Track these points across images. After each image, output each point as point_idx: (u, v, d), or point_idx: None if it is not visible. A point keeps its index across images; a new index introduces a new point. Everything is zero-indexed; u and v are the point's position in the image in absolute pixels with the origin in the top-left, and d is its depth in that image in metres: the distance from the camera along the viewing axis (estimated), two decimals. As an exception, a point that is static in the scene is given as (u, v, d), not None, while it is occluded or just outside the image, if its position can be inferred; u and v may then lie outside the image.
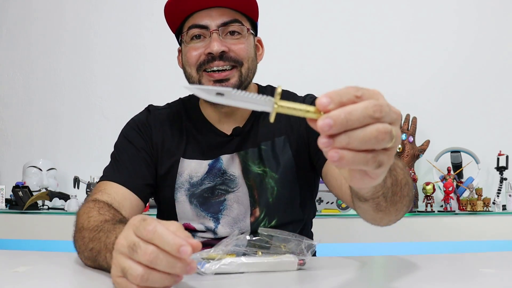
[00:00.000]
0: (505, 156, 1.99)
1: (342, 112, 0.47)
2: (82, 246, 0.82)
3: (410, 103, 2.18)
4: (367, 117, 0.47)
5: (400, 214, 0.84)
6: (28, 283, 0.71)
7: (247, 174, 1.08)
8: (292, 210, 1.11)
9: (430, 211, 1.83)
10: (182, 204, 1.09)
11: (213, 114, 1.12)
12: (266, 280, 0.73)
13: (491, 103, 2.21)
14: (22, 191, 1.87)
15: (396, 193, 0.76)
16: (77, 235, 0.86)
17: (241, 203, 1.08)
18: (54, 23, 2.38)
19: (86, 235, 0.82)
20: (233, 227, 1.08)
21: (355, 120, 0.47)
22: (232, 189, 1.09)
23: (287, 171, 1.10)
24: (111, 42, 2.35)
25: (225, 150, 1.10)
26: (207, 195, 1.08)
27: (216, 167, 1.09)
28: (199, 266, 0.75)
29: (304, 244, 0.82)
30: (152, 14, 2.32)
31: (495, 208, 1.88)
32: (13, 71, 2.38)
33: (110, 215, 0.86)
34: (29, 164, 2.13)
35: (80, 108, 2.32)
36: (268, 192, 1.08)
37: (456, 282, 0.74)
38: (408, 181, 0.82)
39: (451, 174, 1.96)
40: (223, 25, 1.02)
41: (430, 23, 2.25)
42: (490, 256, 0.98)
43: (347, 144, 0.47)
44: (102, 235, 0.77)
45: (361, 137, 0.47)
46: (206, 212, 1.08)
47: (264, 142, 1.10)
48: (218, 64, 1.01)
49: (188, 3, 1.02)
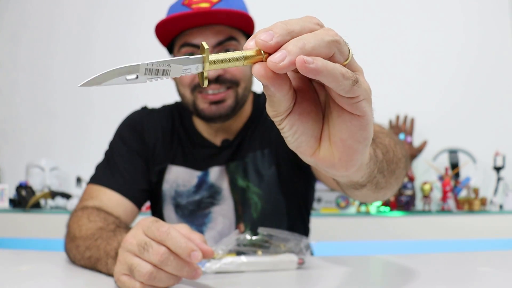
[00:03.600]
0: (502, 156, 2.01)
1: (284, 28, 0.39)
2: (78, 255, 0.82)
3: (408, 103, 2.19)
4: (312, 25, 0.41)
5: (400, 179, 0.75)
6: (31, 282, 0.72)
7: (233, 187, 1.05)
8: (279, 226, 1.04)
9: (428, 211, 1.84)
10: (168, 213, 1.07)
11: (203, 128, 1.08)
12: (266, 279, 0.74)
13: (488, 103, 2.22)
14: (25, 191, 1.88)
15: (392, 161, 0.67)
16: (70, 244, 0.85)
17: (226, 217, 1.05)
18: (55, 23, 2.38)
19: (80, 244, 0.82)
20: (218, 242, 1.01)
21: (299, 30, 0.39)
22: (218, 201, 1.05)
23: (271, 186, 1.05)
24: (112, 42, 2.35)
25: (214, 162, 1.06)
26: (192, 208, 1.06)
27: (205, 180, 1.06)
28: (199, 265, 0.76)
29: (303, 243, 0.84)
30: (153, 14, 2.33)
31: (492, 208, 1.89)
32: (15, 71, 2.39)
33: (101, 221, 0.84)
34: (32, 163, 2.14)
35: (82, 108, 2.33)
36: (251, 207, 1.04)
37: (454, 281, 0.75)
38: (397, 140, 0.75)
39: (448, 173, 1.97)
40: (218, 45, 0.96)
41: (429, 24, 2.26)
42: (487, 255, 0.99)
43: (303, 46, 0.37)
44: (101, 242, 0.77)
45: (312, 36, 0.38)
46: (191, 224, 1.05)
47: (250, 155, 1.06)
48: (214, 87, 0.96)
49: (181, 23, 0.96)
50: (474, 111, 2.22)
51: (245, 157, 1.06)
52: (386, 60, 2.25)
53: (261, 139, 1.07)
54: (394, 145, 0.71)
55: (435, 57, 2.25)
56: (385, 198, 0.77)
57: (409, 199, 1.88)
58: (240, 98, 1.00)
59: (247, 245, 0.84)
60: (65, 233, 0.90)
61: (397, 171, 0.70)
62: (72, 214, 0.93)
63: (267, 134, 1.07)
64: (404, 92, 2.23)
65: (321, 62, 0.37)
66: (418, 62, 2.25)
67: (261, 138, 1.07)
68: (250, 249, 0.83)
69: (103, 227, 0.81)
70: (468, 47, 2.25)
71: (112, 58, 2.35)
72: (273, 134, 1.06)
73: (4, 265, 0.85)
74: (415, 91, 2.23)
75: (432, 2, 2.27)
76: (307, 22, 0.40)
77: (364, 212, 1.84)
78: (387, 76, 2.24)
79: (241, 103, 1.01)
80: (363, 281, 0.78)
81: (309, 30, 0.40)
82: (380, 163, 0.61)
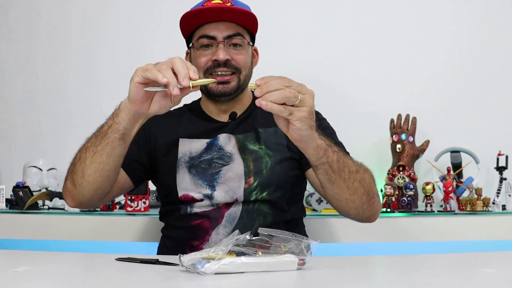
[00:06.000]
0: (504, 156, 1.99)
1: (265, 85, 0.89)
2: (77, 160, 1.12)
3: (410, 103, 2.18)
4: (281, 85, 0.89)
5: (355, 192, 1.08)
6: (28, 283, 0.71)
7: (243, 150, 1.25)
8: (283, 189, 1.24)
9: (430, 211, 1.83)
10: (182, 175, 1.24)
11: (213, 109, 1.32)
12: (266, 280, 0.73)
13: (491, 103, 2.21)
14: (22, 191, 1.87)
15: (343, 170, 1.05)
16: (69, 169, 1.17)
17: (236, 172, 1.23)
18: (55, 22, 2.37)
19: (76, 156, 1.14)
20: (228, 193, 1.22)
21: (273, 87, 0.89)
22: (227, 163, 1.24)
23: (282, 154, 1.26)
24: (112, 42, 2.35)
25: (222, 131, 1.28)
26: (204, 166, 1.24)
27: (214, 144, 1.26)
28: (199, 266, 0.76)
29: (304, 244, 0.83)
30: (153, 15, 2.32)
31: (495, 208, 1.88)
32: (13, 71, 2.38)
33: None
34: (29, 164, 2.12)
35: (80, 108, 2.32)
36: (262, 164, 1.24)
37: (456, 282, 0.74)
38: (360, 171, 1.10)
39: (450, 174, 1.96)
40: (228, 38, 1.24)
41: (430, 24, 2.25)
42: (489, 256, 0.98)
43: (270, 96, 0.88)
44: (93, 135, 1.12)
45: (276, 94, 0.88)
46: (203, 181, 1.23)
47: (263, 128, 1.28)
48: (222, 69, 1.23)
49: (201, 17, 1.23)
50: (477, 111, 2.20)
51: (257, 128, 1.28)
52: (388, 60, 2.24)
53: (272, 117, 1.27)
54: (354, 171, 1.08)
55: (438, 57, 2.24)
56: (350, 205, 1.11)
57: (411, 199, 1.86)
58: (242, 83, 1.27)
59: (247, 245, 0.84)
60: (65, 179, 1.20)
61: (348, 182, 1.06)
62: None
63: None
64: (407, 92, 2.22)
65: (270, 105, 0.88)
66: (421, 61, 2.24)
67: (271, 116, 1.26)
68: (250, 249, 0.83)
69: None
70: (471, 46, 2.23)
71: (112, 58, 2.34)
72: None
73: (1, 266, 0.85)
74: (417, 90, 2.22)
75: (436, 3, 2.26)
76: (281, 84, 0.89)
77: (365, 213, 1.83)
78: (389, 76, 2.23)
79: (242, 87, 1.27)
80: (363, 281, 0.77)
81: (279, 88, 0.89)
82: (331, 160, 1.03)
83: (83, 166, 1.09)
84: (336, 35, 2.26)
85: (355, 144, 1.75)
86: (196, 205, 1.23)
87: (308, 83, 0.94)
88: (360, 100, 2.22)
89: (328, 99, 2.10)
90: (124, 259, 0.91)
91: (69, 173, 1.16)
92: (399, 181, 1.95)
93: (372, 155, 2.19)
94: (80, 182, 1.11)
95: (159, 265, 0.87)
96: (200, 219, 1.22)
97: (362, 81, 2.23)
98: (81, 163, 1.10)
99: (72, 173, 1.13)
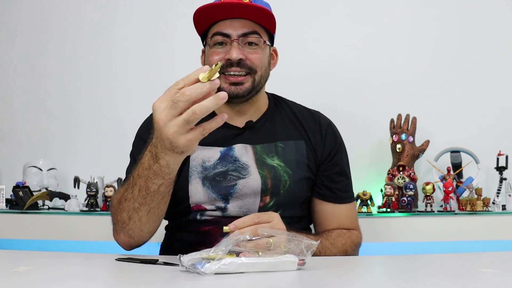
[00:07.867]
0: (504, 156, 1.99)
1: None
2: (127, 220, 1.03)
3: (410, 103, 2.18)
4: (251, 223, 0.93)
5: (351, 251, 1.20)
6: (28, 283, 0.71)
7: (261, 165, 1.18)
8: (300, 208, 1.22)
9: (430, 211, 1.83)
10: (195, 186, 1.17)
11: (226, 111, 1.20)
12: (266, 280, 0.73)
13: (491, 103, 2.21)
14: (22, 191, 1.87)
15: (328, 254, 1.12)
16: (118, 226, 1.08)
17: (252, 188, 1.17)
18: (54, 22, 2.37)
19: (123, 215, 1.04)
20: (242, 209, 1.17)
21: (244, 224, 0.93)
22: (244, 176, 1.17)
23: (300, 172, 1.20)
24: (112, 42, 2.34)
25: (237, 140, 1.21)
26: (219, 179, 1.17)
27: (229, 154, 1.19)
28: (199, 266, 0.75)
29: (304, 244, 0.83)
30: (153, 15, 2.32)
31: (495, 208, 1.88)
32: (13, 71, 2.38)
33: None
34: (29, 164, 2.12)
35: (80, 108, 2.32)
36: (281, 184, 1.18)
37: (456, 282, 0.74)
38: (347, 249, 1.19)
39: (450, 174, 1.96)
40: (243, 36, 1.16)
41: (430, 23, 2.25)
42: (489, 256, 0.98)
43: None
44: (137, 195, 0.98)
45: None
46: (217, 194, 1.17)
47: (282, 141, 1.22)
48: (235, 69, 1.15)
49: (215, 13, 1.15)
50: (477, 111, 2.20)
51: (276, 140, 1.22)
52: (388, 60, 2.24)
53: (293, 129, 1.25)
54: (340, 248, 1.17)
55: (438, 57, 2.23)
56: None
57: (411, 199, 1.86)
58: (256, 84, 1.19)
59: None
60: (112, 221, 1.11)
61: (333, 254, 1.15)
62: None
63: (297, 127, 1.26)
64: (407, 92, 2.22)
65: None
66: (421, 61, 2.24)
67: (292, 128, 1.25)
68: (250, 249, 0.83)
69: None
70: (472, 46, 2.23)
71: (112, 59, 2.34)
72: (305, 133, 1.25)
73: (1, 266, 0.85)
74: (417, 90, 2.22)
75: (437, 3, 2.26)
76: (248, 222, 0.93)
77: (365, 213, 1.83)
78: (390, 76, 2.23)
79: (257, 88, 1.20)
80: (364, 282, 0.77)
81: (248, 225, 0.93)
82: (317, 252, 1.04)
83: (139, 224, 1.04)
84: (335, 36, 2.26)
85: (356, 144, 1.75)
86: (207, 214, 1.18)
87: (308, 83, 0.94)
88: (360, 100, 2.22)
89: (328, 99, 2.10)
90: (124, 259, 0.91)
91: (120, 229, 1.08)
92: (399, 181, 1.95)
93: (372, 155, 2.19)
94: (139, 235, 1.07)
95: (159, 265, 0.87)
96: (210, 225, 1.18)
97: (362, 81, 2.23)
98: (136, 221, 1.03)
99: (126, 230, 1.07)
